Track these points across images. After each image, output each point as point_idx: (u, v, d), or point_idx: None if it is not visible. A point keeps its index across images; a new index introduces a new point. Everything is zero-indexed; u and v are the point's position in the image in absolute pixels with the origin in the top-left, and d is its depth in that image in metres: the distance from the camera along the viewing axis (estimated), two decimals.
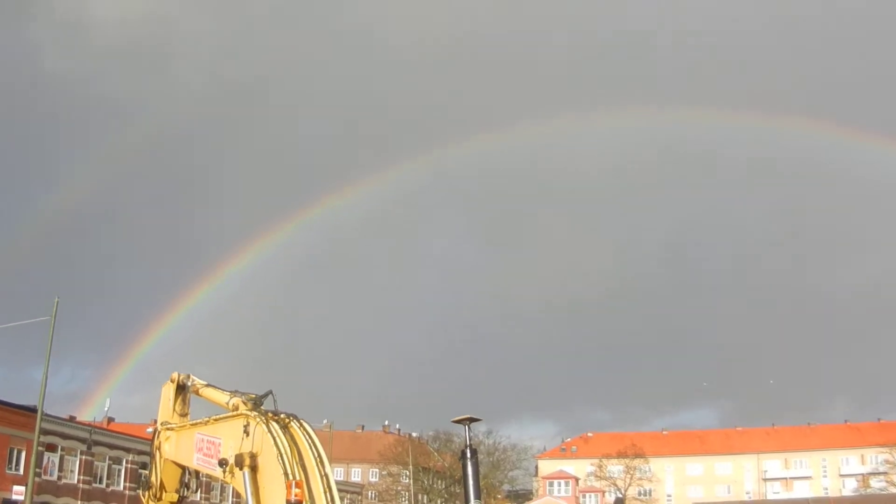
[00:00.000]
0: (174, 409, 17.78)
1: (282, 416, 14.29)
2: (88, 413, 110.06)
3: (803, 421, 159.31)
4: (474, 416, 18.41)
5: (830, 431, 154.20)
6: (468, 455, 17.63)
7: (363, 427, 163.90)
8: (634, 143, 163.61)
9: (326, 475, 13.82)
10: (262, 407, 14.54)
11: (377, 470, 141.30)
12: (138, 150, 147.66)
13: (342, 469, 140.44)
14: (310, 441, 14.05)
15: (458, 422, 18.55)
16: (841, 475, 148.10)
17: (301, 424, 14.22)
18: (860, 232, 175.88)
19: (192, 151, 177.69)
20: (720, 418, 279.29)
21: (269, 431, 13.80)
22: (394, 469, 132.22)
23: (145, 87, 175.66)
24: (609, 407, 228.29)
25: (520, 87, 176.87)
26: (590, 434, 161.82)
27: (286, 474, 13.27)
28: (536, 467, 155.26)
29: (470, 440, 18.27)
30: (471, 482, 17.62)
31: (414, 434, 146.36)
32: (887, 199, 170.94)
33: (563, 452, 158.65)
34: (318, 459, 13.88)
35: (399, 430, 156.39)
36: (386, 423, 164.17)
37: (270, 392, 14.66)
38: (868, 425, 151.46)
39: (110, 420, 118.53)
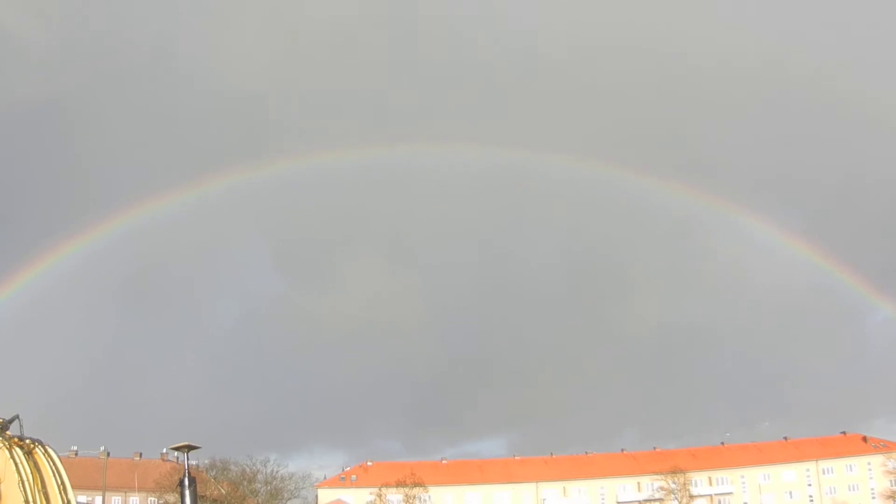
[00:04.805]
0: None
1: (27, 441, 14.04)
2: None
3: (583, 451, 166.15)
4: (192, 444, 18.71)
5: (608, 460, 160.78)
6: (185, 483, 17.88)
7: (141, 455, 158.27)
8: (459, 175, 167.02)
9: (69, 502, 13.71)
10: (7, 432, 14.21)
11: (154, 499, 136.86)
12: None
13: (120, 498, 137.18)
14: (54, 468, 13.88)
15: (176, 449, 18.88)
16: (619, 502, 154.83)
17: (46, 451, 14.01)
18: (651, 273, 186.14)
19: None
20: (508, 448, 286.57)
21: (12, 457, 13.55)
22: (170, 498, 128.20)
23: None
24: (401, 436, 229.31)
25: (338, 116, 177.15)
26: (370, 463, 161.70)
27: (27, 502, 13.09)
28: (316, 496, 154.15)
29: (188, 468, 18.52)
30: None
31: (193, 462, 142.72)
32: (674, 239, 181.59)
33: (343, 482, 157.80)
34: (61, 486, 13.74)
35: (177, 458, 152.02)
36: (164, 450, 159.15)
37: (17, 416, 14.31)
38: (644, 454, 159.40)
39: None
